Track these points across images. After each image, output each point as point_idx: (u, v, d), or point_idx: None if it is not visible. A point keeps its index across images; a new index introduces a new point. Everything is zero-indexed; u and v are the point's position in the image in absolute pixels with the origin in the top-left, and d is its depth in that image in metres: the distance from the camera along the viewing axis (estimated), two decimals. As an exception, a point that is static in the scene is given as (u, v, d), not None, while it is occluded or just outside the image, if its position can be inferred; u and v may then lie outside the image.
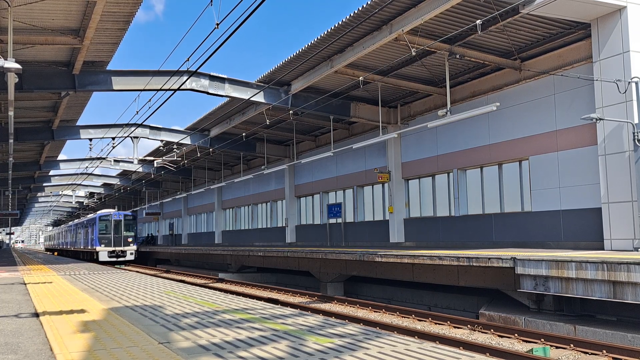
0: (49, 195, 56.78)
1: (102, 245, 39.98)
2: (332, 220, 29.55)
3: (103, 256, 39.70)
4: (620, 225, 14.48)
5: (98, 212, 43.10)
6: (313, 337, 5.69)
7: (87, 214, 62.33)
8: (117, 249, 40.28)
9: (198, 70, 17.30)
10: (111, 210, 42.84)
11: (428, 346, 5.23)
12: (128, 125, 25.85)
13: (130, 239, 40.92)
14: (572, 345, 9.99)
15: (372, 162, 26.30)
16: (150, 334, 5.98)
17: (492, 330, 11.70)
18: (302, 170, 32.72)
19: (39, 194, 54.53)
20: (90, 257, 42.09)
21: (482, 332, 11.81)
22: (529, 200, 18.57)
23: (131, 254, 40.95)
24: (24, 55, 16.75)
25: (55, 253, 66.60)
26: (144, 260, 47.22)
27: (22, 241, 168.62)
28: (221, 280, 26.32)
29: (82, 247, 46.78)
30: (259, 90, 20.80)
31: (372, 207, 26.93)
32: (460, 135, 21.23)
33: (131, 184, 48.19)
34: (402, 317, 14.32)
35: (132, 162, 30.36)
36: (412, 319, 13.95)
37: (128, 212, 42.45)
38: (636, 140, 13.89)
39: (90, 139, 26.74)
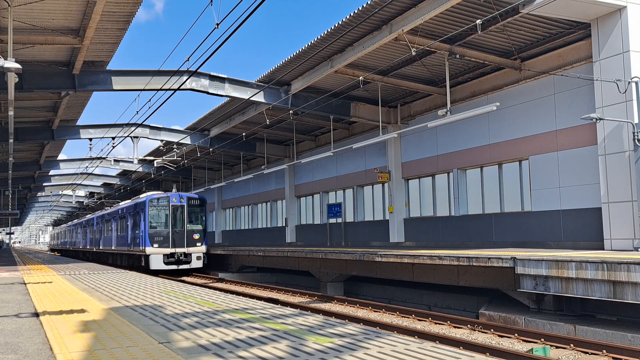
0: (49, 195, 56.73)
1: (155, 246, 27.26)
2: (332, 220, 29.55)
3: (156, 262, 27.10)
4: (620, 225, 14.48)
5: (146, 195, 30.44)
6: (313, 337, 5.69)
7: (114, 201, 48.42)
8: (179, 250, 27.55)
9: (198, 70, 17.30)
10: (166, 193, 29.60)
11: (428, 346, 5.23)
12: (128, 125, 25.86)
13: (197, 235, 28.29)
14: (572, 345, 9.99)
15: (372, 162, 26.29)
16: (150, 334, 5.98)
17: (492, 330, 11.70)
18: (302, 170, 32.71)
19: (39, 194, 54.52)
20: (134, 262, 29.77)
21: (482, 332, 11.80)
22: (529, 200, 18.57)
23: (199, 258, 28.12)
24: (24, 55, 16.75)
25: (56, 253, 65.48)
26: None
27: (20, 242, 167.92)
28: (221, 280, 26.32)
29: (117, 248, 33.93)
30: (259, 90, 20.80)
31: (372, 207, 26.93)
32: (460, 135, 21.23)
33: (131, 183, 48.18)
34: (402, 317, 14.32)
35: (132, 162, 30.27)
36: (412, 318, 13.95)
37: (193, 194, 29.56)
38: (636, 140, 13.89)
39: (90, 139, 26.75)
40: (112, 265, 33.93)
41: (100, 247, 39.74)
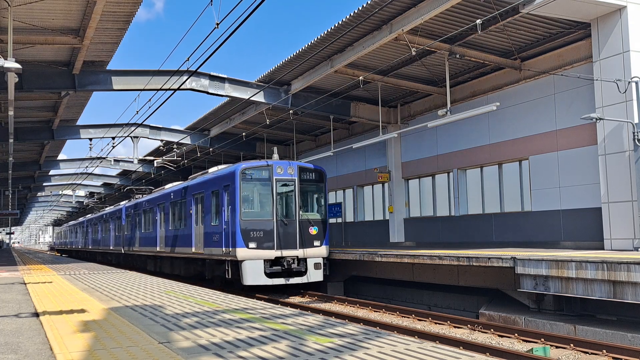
0: (49, 195, 56.75)
1: (252, 246, 17.05)
2: (332, 220, 29.54)
3: (254, 272, 16.97)
4: (620, 225, 14.47)
5: (233, 165, 18.75)
6: (313, 336, 5.69)
7: (148, 188, 35.95)
8: (289, 254, 17.48)
9: (198, 70, 17.30)
10: (265, 160, 18.30)
11: (428, 346, 5.23)
12: (128, 125, 25.84)
13: (314, 230, 18.07)
14: (572, 345, 9.99)
15: (372, 162, 26.29)
16: (150, 334, 5.98)
17: (492, 330, 11.70)
18: (302, 170, 32.66)
19: (39, 194, 54.53)
20: (212, 271, 19.64)
21: (482, 332, 11.80)
22: (529, 200, 18.56)
23: (317, 266, 17.94)
24: (24, 55, 16.75)
25: (56, 253, 64.51)
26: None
27: (19, 242, 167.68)
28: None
29: (175, 250, 22.78)
30: (259, 90, 20.79)
31: (372, 206, 26.92)
32: (460, 135, 21.23)
33: (131, 183, 48.15)
34: (402, 317, 14.32)
35: (132, 162, 30.26)
36: (412, 318, 13.95)
37: (307, 164, 18.97)
38: (636, 140, 13.89)
39: (90, 139, 26.74)
40: (155, 274, 24.05)
41: (134, 248, 29.24)
